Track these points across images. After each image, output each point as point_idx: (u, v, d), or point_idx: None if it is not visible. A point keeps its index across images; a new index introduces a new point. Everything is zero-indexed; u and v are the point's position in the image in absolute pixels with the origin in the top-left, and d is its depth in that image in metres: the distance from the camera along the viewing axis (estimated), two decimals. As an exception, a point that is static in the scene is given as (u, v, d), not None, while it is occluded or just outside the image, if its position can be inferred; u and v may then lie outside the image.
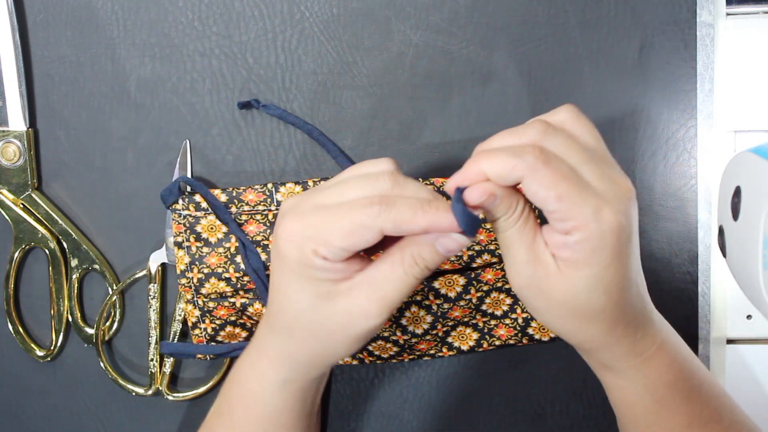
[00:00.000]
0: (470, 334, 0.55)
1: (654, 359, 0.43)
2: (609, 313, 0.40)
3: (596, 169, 0.38)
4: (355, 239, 0.38)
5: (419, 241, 0.39)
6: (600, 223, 0.37)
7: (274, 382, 0.45)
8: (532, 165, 0.37)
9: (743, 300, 0.56)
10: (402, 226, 0.38)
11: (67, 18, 0.55)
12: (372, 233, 0.38)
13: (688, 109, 0.55)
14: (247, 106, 0.55)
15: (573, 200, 0.37)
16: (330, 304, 0.40)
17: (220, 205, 0.53)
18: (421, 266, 0.40)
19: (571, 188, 0.37)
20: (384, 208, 0.38)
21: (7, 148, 0.55)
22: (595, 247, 0.38)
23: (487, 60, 0.55)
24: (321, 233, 0.38)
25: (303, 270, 0.39)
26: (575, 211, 0.37)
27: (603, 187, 0.38)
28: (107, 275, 0.56)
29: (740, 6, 0.55)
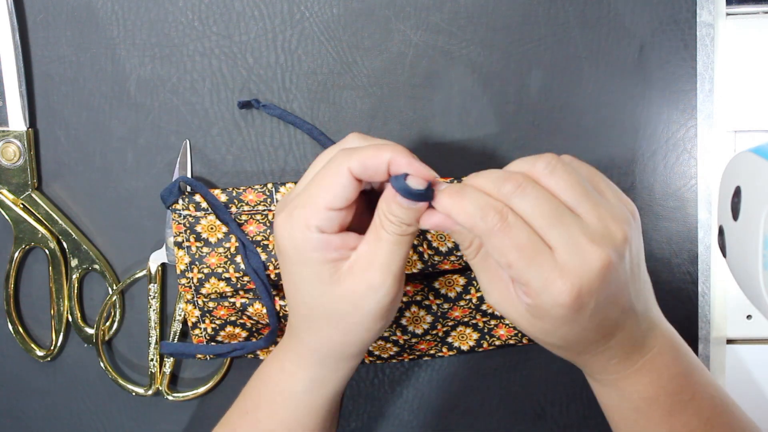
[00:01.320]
0: (470, 334, 0.55)
1: (631, 378, 0.43)
2: (569, 349, 0.41)
3: (564, 234, 0.37)
4: (333, 190, 0.40)
5: (385, 199, 0.40)
6: (548, 296, 0.37)
7: (303, 381, 0.45)
8: (490, 229, 0.37)
9: (743, 300, 0.56)
10: (367, 162, 0.39)
11: (67, 18, 0.55)
12: (344, 177, 0.39)
13: (688, 109, 0.55)
14: (247, 105, 0.55)
15: (522, 271, 0.37)
16: (335, 287, 0.41)
17: (220, 205, 0.53)
18: (397, 222, 0.40)
19: (522, 260, 0.37)
20: (348, 152, 0.40)
21: (7, 148, 0.55)
22: (544, 314, 0.38)
23: (487, 60, 0.55)
24: (305, 206, 0.40)
25: (301, 256, 0.41)
26: (524, 279, 0.37)
27: (566, 256, 0.37)
28: (107, 275, 0.56)
29: (740, 6, 0.55)
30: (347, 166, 0.39)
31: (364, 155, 0.39)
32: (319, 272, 0.41)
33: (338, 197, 0.40)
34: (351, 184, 0.40)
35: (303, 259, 0.41)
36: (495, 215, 0.37)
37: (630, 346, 0.42)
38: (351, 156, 0.40)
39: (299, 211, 0.40)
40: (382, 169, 0.39)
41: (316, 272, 0.41)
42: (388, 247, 0.40)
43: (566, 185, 0.38)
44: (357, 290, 0.41)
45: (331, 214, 0.40)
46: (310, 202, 0.40)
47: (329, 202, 0.40)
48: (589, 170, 0.41)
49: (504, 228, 0.37)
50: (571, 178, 0.38)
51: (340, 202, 0.40)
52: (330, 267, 0.41)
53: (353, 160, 0.39)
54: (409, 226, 0.40)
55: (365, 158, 0.39)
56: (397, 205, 0.40)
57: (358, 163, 0.39)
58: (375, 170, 0.39)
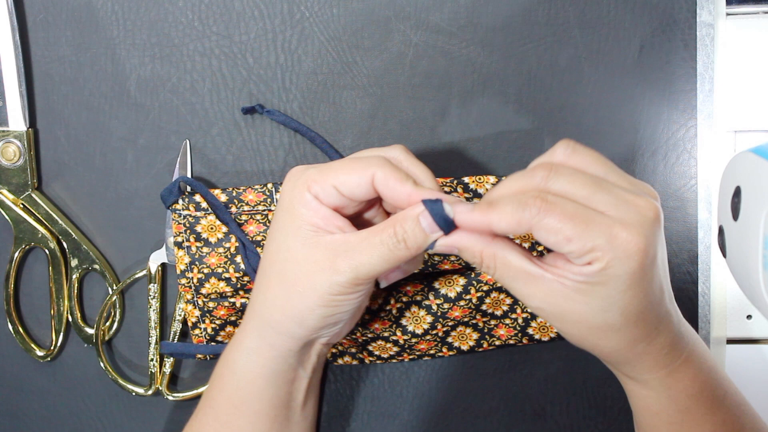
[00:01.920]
0: (470, 334, 0.55)
1: (679, 372, 0.42)
2: (627, 332, 0.40)
3: (609, 195, 0.38)
4: (347, 178, 0.41)
5: (404, 213, 0.41)
6: (617, 250, 0.37)
7: (244, 349, 0.45)
8: (536, 215, 0.37)
9: (743, 300, 0.56)
10: (390, 182, 0.40)
11: (67, 18, 0.55)
12: (364, 177, 0.41)
13: (688, 109, 0.55)
14: (251, 111, 0.55)
15: (583, 237, 0.37)
16: (302, 249, 0.42)
17: (220, 205, 0.53)
18: (399, 238, 0.40)
19: (578, 226, 0.37)
20: (382, 162, 0.41)
21: (7, 148, 0.55)
22: (613, 274, 0.37)
23: (487, 60, 0.55)
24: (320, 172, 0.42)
25: (291, 205, 0.42)
26: (588, 244, 0.37)
27: (620, 212, 0.37)
28: (107, 275, 0.56)
29: (740, 6, 0.55)
30: (373, 171, 0.41)
31: (393, 175, 0.40)
32: (299, 228, 0.42)
33: (348, 186, 0.41)
34: (366, 186, 0.41)
35: (291, 209, 0.42)
36: (534, 200, 0.37)
37: (675, 334, 0.42)
38: (383, 166, 0.41)
39: (311, 172, 0.42)
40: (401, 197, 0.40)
41: (297, 226, 0.42)
42: (373, 251, 0.41)
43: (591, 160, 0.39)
44: (318, 262, 0.41)
45: (333, 193, 0.41)
46: (324, 172, 0.42)
47: (338, 184, 0.41)
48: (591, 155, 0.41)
49: (548, 206, 0.37)
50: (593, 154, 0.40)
51: (347, 191, 0.41)
52: (310, 230, 0.42)
53: (382, 170, 0.41)
54: (407, 248, 0.40)
55: (392, 178, 0.40)
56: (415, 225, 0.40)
57: (383, 177, 0.40)
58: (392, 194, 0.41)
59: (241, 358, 0.45)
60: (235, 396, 0.46)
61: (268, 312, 0.44)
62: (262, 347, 0.45)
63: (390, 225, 0.41)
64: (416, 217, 0.40)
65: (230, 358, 0.46)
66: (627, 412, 0.56)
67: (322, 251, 0.41)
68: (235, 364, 0.46)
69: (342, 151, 0.55)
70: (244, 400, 0.46)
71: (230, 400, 0.46)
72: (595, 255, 0.37)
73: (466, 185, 0.52)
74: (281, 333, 0.44)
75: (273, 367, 0.45)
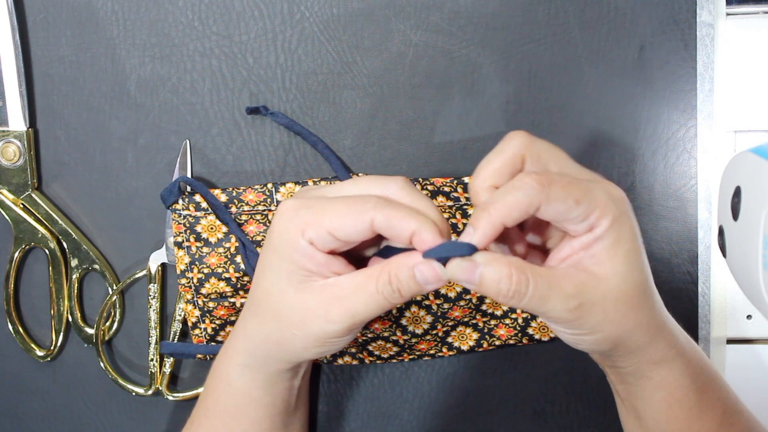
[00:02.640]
0: (470, 334, 0.55)
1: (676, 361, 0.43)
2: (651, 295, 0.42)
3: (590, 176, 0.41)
4: (343, 222, 0.39)
5: (399, 261, 0.39)
6: (615, 200, 0.39)
7: (236, 365, 0.45)
8: (540, 189, 0.37)
9: (743, 300, 0.56)
10: (392, 222, 0.38)
11: (67, 18, 0.55)
12: (362, 222, 0.38)
13: (688, 109, 0.55)
14: (255, 111, 0.55)
15: (588, 197, 0.38)
16: (297, 294, 0.40)
17: (220, 205, 0.53)
18: (394, 287, 0.39)
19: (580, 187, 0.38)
20: (381, 202, 0.39)
21: (7, 148, 0.55)
22: (621, 223, 0.39)
23: (487, 60, 0.55)
24: (313, 213, 0.39)
25: (284, 248, 0.40)
26: (594, 203, 0.38)
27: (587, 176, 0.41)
28: (107, 275, 0.56)
29: (740, 6, 0.55)
30: (372, 216, 0.38)
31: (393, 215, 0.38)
32: (291, 273, 0.40)
33: (344, 232, 0.39)
34: (364, 230, 0.39)
35: (284, 253, 0.40)
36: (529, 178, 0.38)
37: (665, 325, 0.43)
38: (383, 208, 0.38)
39: (305, 212, 0.40)
40: (403, 236, 0.39)
41: (289, 271, 0.40)
42: (366, 300, 0.39)
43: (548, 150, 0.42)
44: (312, 310, 0.40)
45: (327, 237, 0.39)
46: (319, 215, 0.39)
47: (333, 229, 0.39)
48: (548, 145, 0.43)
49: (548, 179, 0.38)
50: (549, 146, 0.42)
51: (343, 236, 0.39)
52: (303, 274, 0.40)
53: (381, 214, 0.38)
54: (402, 297, 0.39)
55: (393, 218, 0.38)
56: (409, 278, 0.39)
57: (384, 220, 0.38)
58: (396, 234, 0.39)
59: (234, 372, 0.45)
60: (232, 407, 0.46)
61: (262, 343, 0.43)
62: (255, 365, 0.44)
63: (385, 272, 0.39)
64: (411, 268, 0.39)
65: (224, 372, 0.46)
66: (627, 412, 0.56)
67: (316, 298, 0.40)
68: (230, 377, 0.45)
69: (342, 151, 0.55)
70: (241, 411, 0.46)
71: (226, 411, 0.46)
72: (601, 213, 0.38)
73: (466, 185, 0.52)
74: (276, 360, 0.44)
75: (268, 381, 0.45)
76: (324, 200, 0.40)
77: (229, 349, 0.45)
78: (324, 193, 0.41)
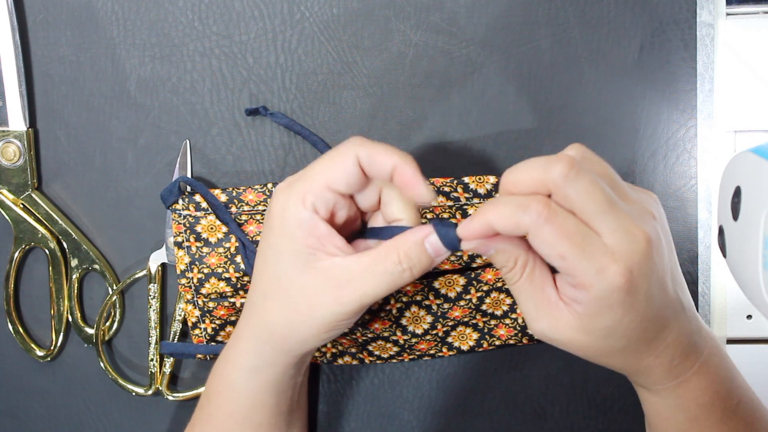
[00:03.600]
0: (470, 334, 0.55)
1: (689, 382, 0.42)
2: (633, 350, 0.40)
3: (612, 219, 0.36)
4: (336, 170, 0.39)
5: (408, 238, 0.40)
6: (605, 283, 0.36)
7: (243, 370, 0.44)
8: (536, 222, 0.36)
9: (743, 300, 0.56)
10: (374, 157, 0.39)
11: (67, 18, 0.55)
12: (350, 160, 0.39)
13: (688, 109, 0.55)
14: (254, 113, 0.55)
15: (574, 260, 0.36)
16: (304, 276, 0.40)
17: (220, 205, 0.53)
18: (405, 266, 0.39)
19: (573, 248, 0.36)
20: (360, 140, 0.40)
21: (7, 148, 0.55)
22: (603, 305, 0.37)
23: (487, 60, 0.55)
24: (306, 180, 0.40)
25: (285, 228, 0.40)
26: (578, 270, 0.36)
27: (615, 239, 0.36)
28: (107, 275, 0.56)
29: (740, 6, 0.55)
30: (355, 152, 0.39)
31: (375, 149, 0.39)
32: (296, 252, 0.40)
33: (340, 178, 0.40)
34: (355, 169, 0.40)
35: (286, 232, 0.40)
36: (537, 205, 0.36)
37: (686, 345, 0.41)
38: (363, 144, 0.39)
39: (299, 184, 0.40)
40: (386, 168, 0.39)
41: (294, 250, 0.40)
42: (376, 281, 0.40)
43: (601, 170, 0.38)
44: (320, 292, 0.40)
45: (328, 195, 0.40)
46: (311, 177, 0.40)
47: (330, 181, 0.39)
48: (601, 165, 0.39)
49: (551, 215, 0.36)
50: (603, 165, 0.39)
51: (341, 183, 0.40)
52: (308, 253, 0.40)
53: (363, 148, 0.39)
54: (411, 275, 0.40)
55: (375, 152, 0.39)
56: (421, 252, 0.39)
57: (366, 153, 0.39)
58: (379, 167, 0.39)
59: (240, 376, 0.45)
60: (237, 412, 0.45)
61: (268, 335, 0.43)
62: (261, 366, 0.44)
63: (393, 251, 0.39)
64: (421, 242, 0.39)
65: (228, 376, 0.45)
66: (627, 412, 0.56)
67: (324, 279, 0.40)
68: (236, 381, 0.45)
69: (342, 151, 0.55)
70: (246, 415, 0.45)
71: (231, 416, 0.45)
72: (583, 282, 0.37)
73: (466, 185, 0.52)
74: (283, 353, 0.44)
75: (274, 381, 0.45)
76: (310, 166, 0.41)
77: (232, 355, 0.45)
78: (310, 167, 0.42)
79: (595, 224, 0.36)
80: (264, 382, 0.45)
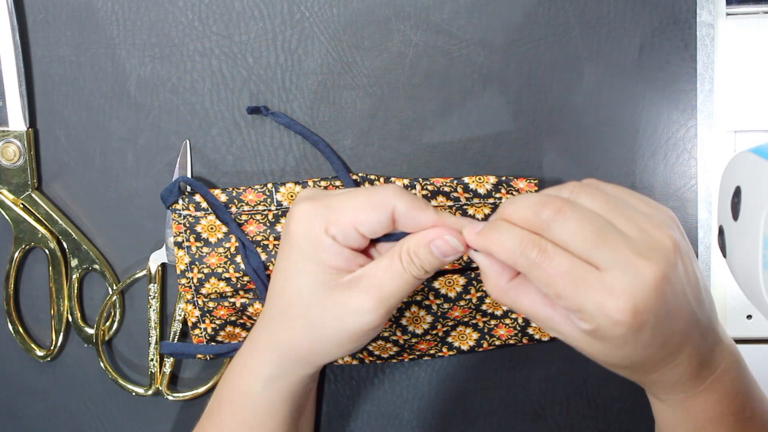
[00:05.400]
0: (470, 334, 0.55)
1: (699, 396, 0.42)
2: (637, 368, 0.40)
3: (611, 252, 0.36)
4: (368, 214, 0.39)
5: (416, 240, 0.40)
6: (604, 319, 0.36)
7: (260, 379, 0.44)
8: (531, 263, 0.37)
9: (743, 300, 0.56)
10: (413, 212, 0.39)
11: (67, 18, 0.55)
12: (385, 210, 0.39)
13: (688, 109, 0.55)
14: (255, 111, 0.55)
15: (572, 299, 0.36)
16: (327, 294, 0.40)
17: (220, 205, 0.53)
18: (417, 264, 0.40)
19: (569, 287, 0.36)
20: (401, 190, 0.40)
21: (7, 148, 0.55)
22: (604, 337, 0.37)
23: (487, 60, 0.55)
24: (335, 211, 0.40)
25: (309, 250, 0.40)
26: (576, 305, 0.36)
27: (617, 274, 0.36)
28: (107, 275, 0.56)
29: (740, 6, 0.55)
30: (394, 204, 0.39)
31: (415, 204, 0.39)
32: (320, 273, 0.40)
33: (369, 225, 0.40)
34: (387, 221, 0.40)
35: (311, 254, 0.40)
36: (533, 248, 0.36)
37: (698, 363, 0.40)
38: (403, 196, 0.39)
39: (327, 212, 0.40)
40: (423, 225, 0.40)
41: (317, 272, 0.40)
42: (397, 282, 0.40)
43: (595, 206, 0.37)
44: (346, 304, 0.40)
45: (351, 234, 0.40)
46: (342, 211, 0.40)
47: (359, 224, 0.39)
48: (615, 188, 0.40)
49: (545, 259, 0.36)
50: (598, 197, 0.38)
51: (368, 229, 0.40)
52: (332, 272, 0.40)
53: (404, 201, 0.39)
54: (426, 273, 0.40)
55: (415, 208, 0.39)
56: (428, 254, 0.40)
57: (405, 208, 0.39)
58: (415, 224, 0.40)
59: (257, 385, 0.45)
60: (251, 419, 0.45)
61: (292, 350, 0.43)
62: (281, 376, 0.44)
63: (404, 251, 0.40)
64: (428, 245, 0.40)
65: (243, 385, 0.45)
66: (627, 412, 0.56)
67: (348, 292, 0.40)
68: (251, 390, 0.45)
69: (342, 151, 0.55)
70: (260, 422, 0.45)
71: (245, 423, 0.45)
72: (583, 316, 0.37)
73: (466, 185, 0.52)
74: (306, 364, 0.44)
75: (291, 390, 0.45)
76: (340, 196, 0.40)
77: (249, 364, 0.45)
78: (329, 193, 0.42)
79: (593, 260, 0.36)
80: (281, 390, 0.45)
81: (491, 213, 0.52)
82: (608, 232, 0.36)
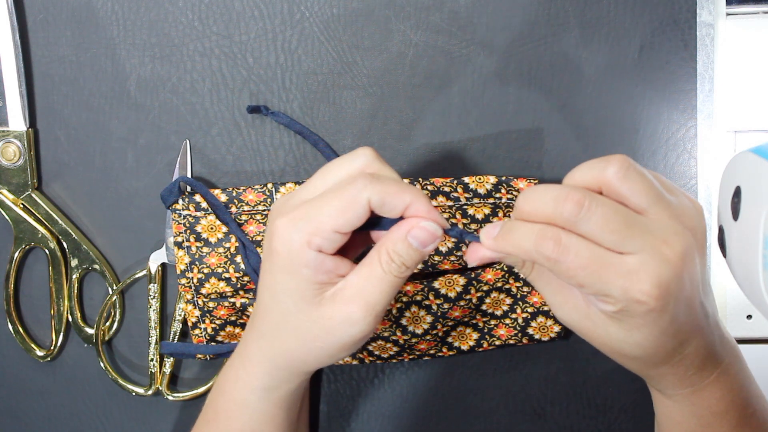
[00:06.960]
0: (470, 334, 0.55)
1: (705, 391, 0.42)
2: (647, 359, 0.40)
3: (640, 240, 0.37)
4: (346, 216, 0.38)
5: (392, 237, 0.39)
6: (630, 300, 0.37)
7: (256, 390, 0.44)
8: (549, 258, 0.37)
9: (743, 300, 0.56)
10: (387, 198, 0.38)
11: (67, 18, 0.55)
12: (361, 206, 0.38)
13: (688, 109, 0.55)
14: (256, 110, 0.55)
15: (595, 285, 0.37)
16: (314, 309, 0.40)
17: (220, 205, 0.53)
18: (398, 263, 0.39)
19: (591, 275, 0.36)
20: (369, 179, 0.39)
21: (7, 148, 0.55)
22: (628, 316, 0.38)
23: (487, 60, 0.55)
24: (312, 220, 0.39)
25: (293, 267, 0.40)
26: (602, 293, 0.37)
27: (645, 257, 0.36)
28: (107, 275, 0.56)
29: (740, 6, 0.55)
30: (367, 197, 0.38)
31: (387, 191, 0.38)
32: (304, 288, 0.40)
33: (348, 223, 0.39)
34: (365, 213, 0.39)
35: (293, 270, 0.40)
36: (549, 242, 0.37)
37: (705, 356, 0.41)
38: (374, 186, 0.38)
39: (304, 224, 0.39)
40: (399, 209, 0.39)
41: (301, 287, 0.40)
42: (379, 285, 0.40)
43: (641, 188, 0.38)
44: (334, 318, 0.40)
45: (335, 237, 0.39)
46: (318, 219, 0.39)
47: (339, 226, 0.39)
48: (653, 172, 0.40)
49: (562, 252, 0.36)
50: (645, 182, 0.38)
51: (349, 227, 0.39)
52: (315, 287, 0.40)
53: (375, 192, 0.38)
54: (408, 269, 0.40)
55: (387, 194, 0.38)
56: (407, 247, 0.39)
57: (379, 197, 0.38)
58: (392, 208, 0.39)
59: (252, 396, 0.45)
60: (248, 427, 0.45)
61: (285, 362, 0.43)
62: (276, 386, 0.44)
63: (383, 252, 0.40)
64: (404, 238, 0.39)
65: (238, 396, 0.45)
66: (627, 412, 0.57)
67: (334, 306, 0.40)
68: (247, 400, 0.45)
69: (342, 151, 0.55)
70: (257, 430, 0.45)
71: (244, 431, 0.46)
72: (609, 299, 0.37)
73: (466, 185, 0.52)
74: (299, 374, 0.44)
75: (287, 398, 0.45)
76: (313, 203, 0.39)
77: (242, 376, 0.45)
78: (302, 197, 0.41)
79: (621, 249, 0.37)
80: (277, 398, 0.45)
81: (491, 213, 0.52)
82: (635, 221, 0.37)
